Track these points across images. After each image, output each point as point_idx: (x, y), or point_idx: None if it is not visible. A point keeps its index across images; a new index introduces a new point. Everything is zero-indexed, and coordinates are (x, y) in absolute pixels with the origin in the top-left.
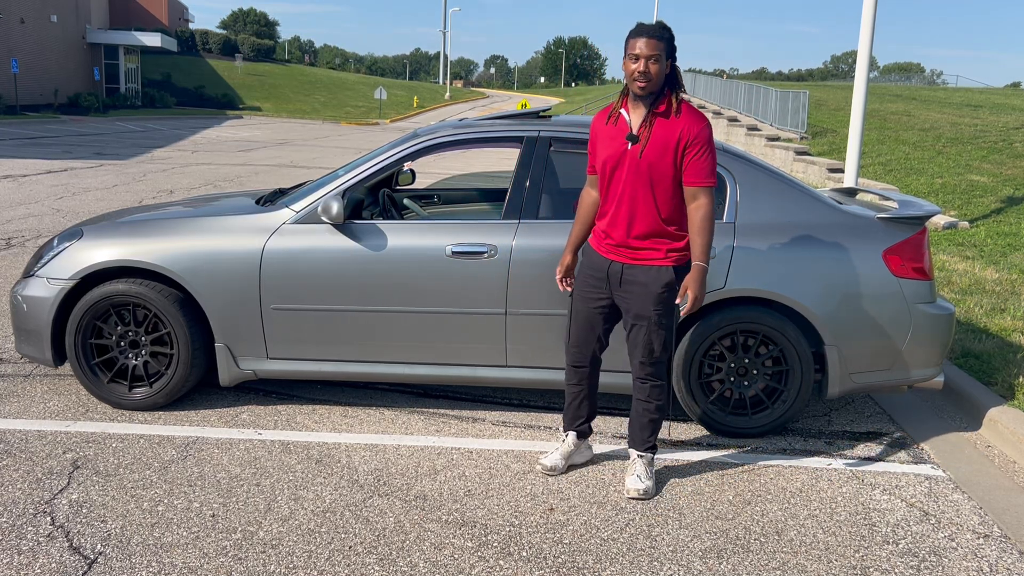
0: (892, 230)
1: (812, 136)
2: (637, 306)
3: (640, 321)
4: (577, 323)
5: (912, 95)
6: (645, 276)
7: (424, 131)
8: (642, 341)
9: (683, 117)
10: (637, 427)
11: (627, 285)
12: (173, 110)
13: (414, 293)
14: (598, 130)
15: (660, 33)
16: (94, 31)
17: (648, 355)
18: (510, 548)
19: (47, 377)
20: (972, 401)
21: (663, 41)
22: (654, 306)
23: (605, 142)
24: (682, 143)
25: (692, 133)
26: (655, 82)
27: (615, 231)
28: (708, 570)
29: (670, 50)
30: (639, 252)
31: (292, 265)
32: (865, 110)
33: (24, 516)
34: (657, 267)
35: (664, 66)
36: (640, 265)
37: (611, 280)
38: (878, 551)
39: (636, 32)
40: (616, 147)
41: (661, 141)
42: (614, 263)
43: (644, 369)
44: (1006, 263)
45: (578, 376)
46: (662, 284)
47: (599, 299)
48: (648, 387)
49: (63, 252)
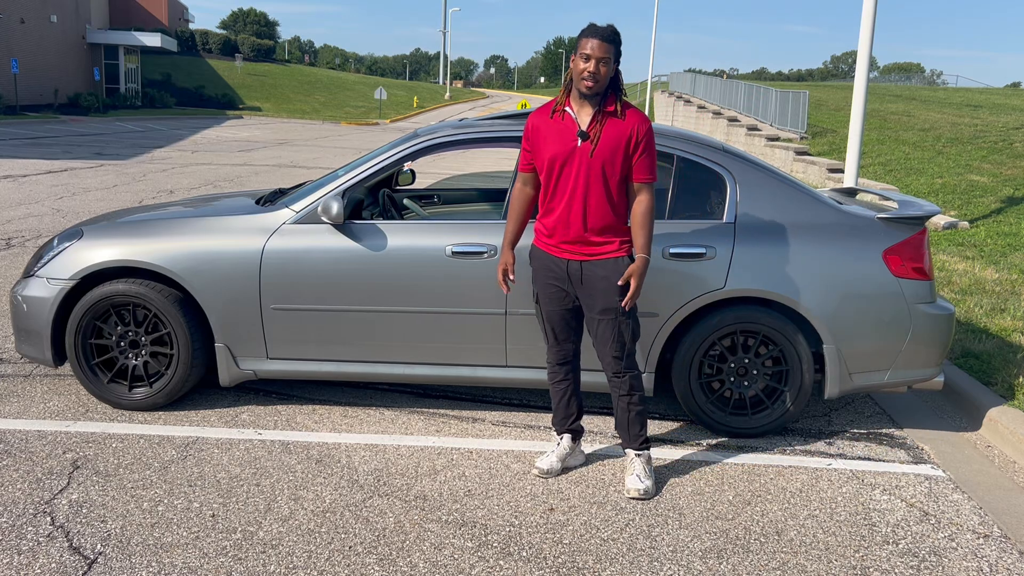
0: (892, 230)
1: (812, 136)
2: (602, 300)
3: (607, 315)
4: (552, 323)
5: (912, 95)
6: (604, 270)
7: (424, 131)
8: (612, 335)
9: (631, 117)
10: (625, 424)
11: (588, 281)
12: (173, 110)
13: (414, 293)
14: (539, 126)
15: (612, 37)
16: (94, 31)
17: (620, 347)
18: (510, 548)
19: (47, 377)
20: (972, 401)
21: (613, 45)
22: (619, 296)
23: (550, 138)
24: (633, 141)
25: (641, 132)
26: (601, 83)
27: (569, 228)
28: (708, 570)
29: (618, 55)
30: (596, 247)
31: (292, 265)
32: (865, 110)
33: (24, 516)
34: (614, 259)
35: (611, 69)
36: (598, 260)
37: (572, 279)
38: (878, 551)
39: (590, 32)
40: (564, 144)
41: (613, 139)
42: (571, 262)
43: (619, 363)
44: (1006, 263)
45: (564, 371)
46: (622, 273)
47: (565, 297)
48: (627, 379)
49: (63, 252)
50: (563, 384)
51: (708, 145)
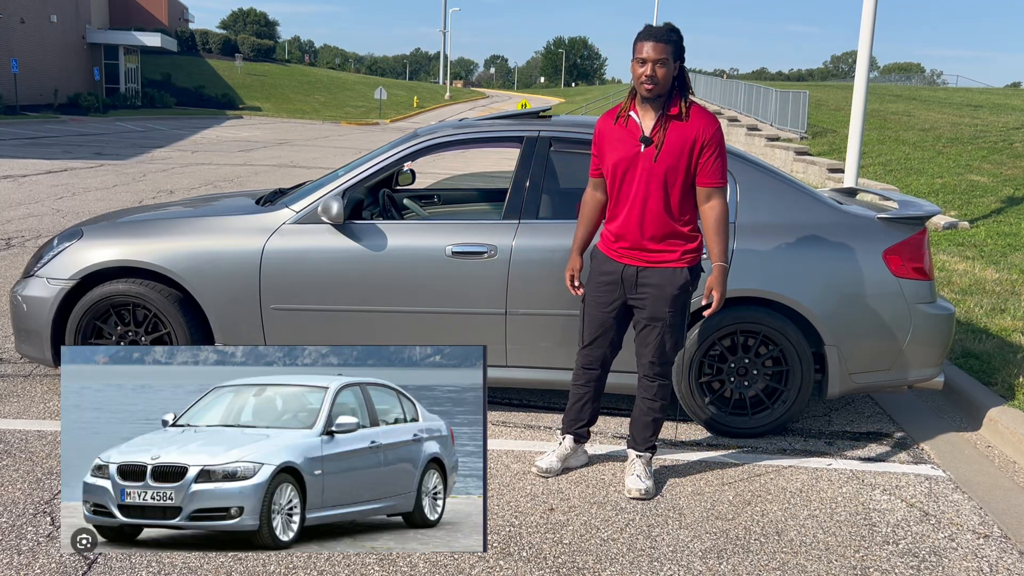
0: (892, 230)
1: (812, 136)
2: (652, 308)
3: (654, 322)
4: (591, 327)
5: (912, 95)
6: (660, 278)
7: (424, 131)
8: (654, 341)
9: (696, 119)
10: (640, 426)
11: (642, 288)
12: (173, 110)
13: (414, 293)
14: (605, 132)
15: (667, 36)
16: (94, 31)
17: (660, 355)
18: (510, 548)
19: (47, 377)
20: (972, 401)
21: (670, 44)
22: (668, 307)
23: (614, 144)
24: (698, 145)
25: (707, 135)
26: (662, 85)
27: (629, 234)
28: (708, 570)
29: (678, 52)
30: (654, 255)
31: (292, 265)
32: (865, 110)
33: (24, 516)
34: (672, 269)
35: (672, 68)
36: (655, 268)
37: (626, 284)
38: (878, 551)
39: (644, 35)
40: (627, 149)
41: (677, 144)
42: (628, 267)
43: (653, 368)
44: (1006, 263)
45: (587, 377)
46: (677, 286)
47: (613, 302)
48: (656, 385)
49: (63, 252)
50: (583, 389)
51: None
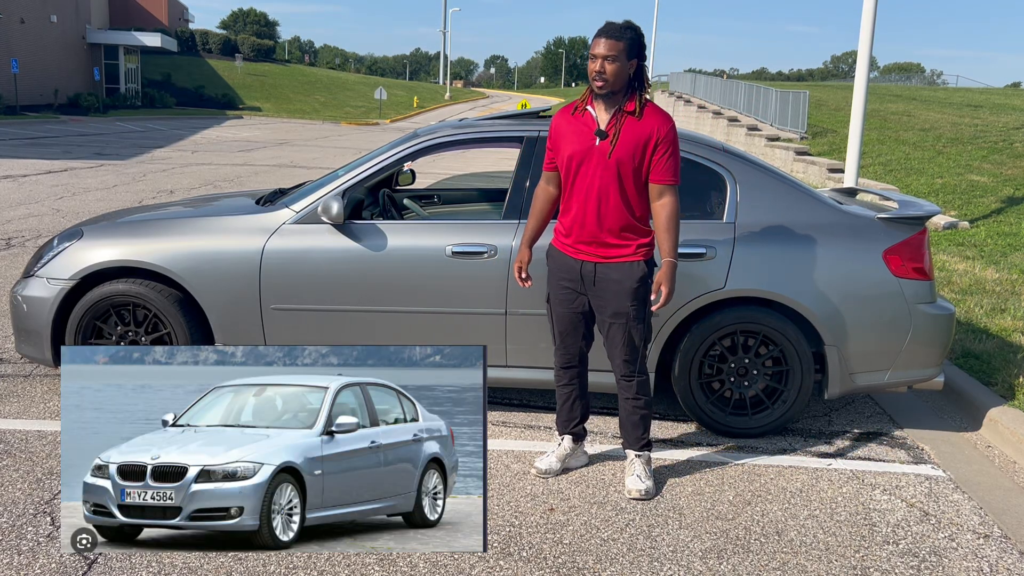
0: (892, 230)
1: (812, 136)
2: (614, 304)
3: (618, 319)
4: (561, 325)
5: (912, 95)
6: (618, 273)
7: (424, 131)
8: (623, 339)
9: (651, 117)
10: (629, 426)
11: (601, 283)
12: (173, 110)
13: (414, 293)
14: (561, 125)
15: (620, 34)
16: (94, 31)
17: (631, 351)
18: (510, 548)
19: (47, 377)
20: (972, 401)
21: (623, 41)
22: (630, 301)
23: (569, 137)
24: (652, 143)
25: (661, 133)
26: (612, 82)
27: (584, 227)
28: (708, 570)
29: (633, 50)
30: (611, 249)
31: (292, 265)
32: (865, 110)
33: (24, 516)
34: (629, 263)
35: (625, 66)
36: (612, 263)
37: (585, 280)
38: (878, 551)
39: (599, 32)
40: (583, 142)
41: (631, 140)
42: (586, 263)
43: (628, 367)
44: (1006, 263)
45: (568, 375)
46: (636, 279)
47: (576, 299)
48: (635, 383)
49: (63, 252)
50: (567, 388)
51: (708, 145)
